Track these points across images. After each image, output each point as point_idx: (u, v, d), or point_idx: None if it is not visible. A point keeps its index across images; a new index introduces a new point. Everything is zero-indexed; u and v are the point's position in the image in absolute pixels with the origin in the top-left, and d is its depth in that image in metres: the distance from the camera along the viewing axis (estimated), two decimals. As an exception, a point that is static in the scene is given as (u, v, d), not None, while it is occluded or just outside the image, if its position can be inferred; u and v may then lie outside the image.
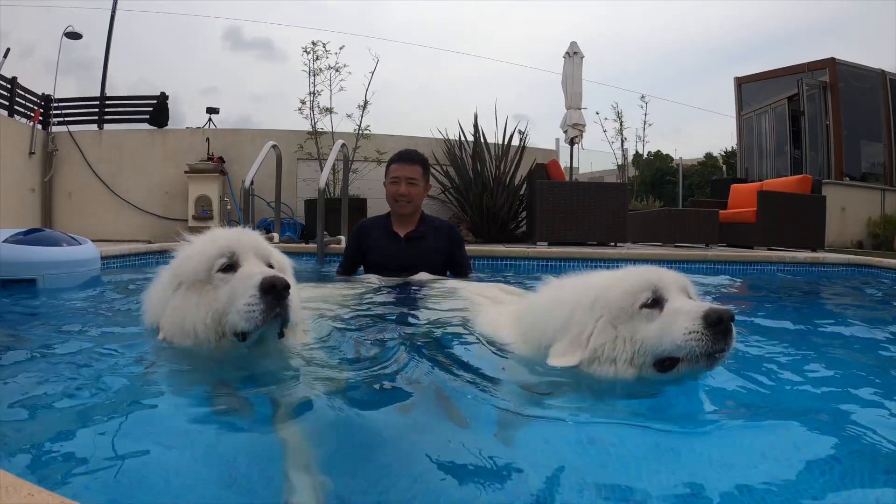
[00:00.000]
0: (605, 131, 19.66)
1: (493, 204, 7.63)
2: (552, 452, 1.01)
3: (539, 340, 1.37)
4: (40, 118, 7.86)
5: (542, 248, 5.71)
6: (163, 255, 4.67)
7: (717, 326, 1.15)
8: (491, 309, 1.87)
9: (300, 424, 1.09)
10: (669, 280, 1.29)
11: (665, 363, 1.23)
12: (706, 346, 1.16)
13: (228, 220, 7.92)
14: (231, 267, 1.40)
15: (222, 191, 7.85)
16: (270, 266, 1.47)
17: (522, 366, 1.40)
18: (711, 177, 16.11)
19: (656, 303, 1.25)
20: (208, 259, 1.40)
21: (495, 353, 1.48)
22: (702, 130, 39.10)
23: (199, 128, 8.68)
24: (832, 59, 11.09)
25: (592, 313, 1.29)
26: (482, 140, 8.19)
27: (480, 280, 3.13)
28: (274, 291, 1.26)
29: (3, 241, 2.55)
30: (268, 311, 1.26)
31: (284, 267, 1.56)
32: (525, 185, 7.85)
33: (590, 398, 1.24)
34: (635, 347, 1.24)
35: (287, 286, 1.28)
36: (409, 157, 3.03)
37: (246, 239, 1.47)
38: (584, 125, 9.36)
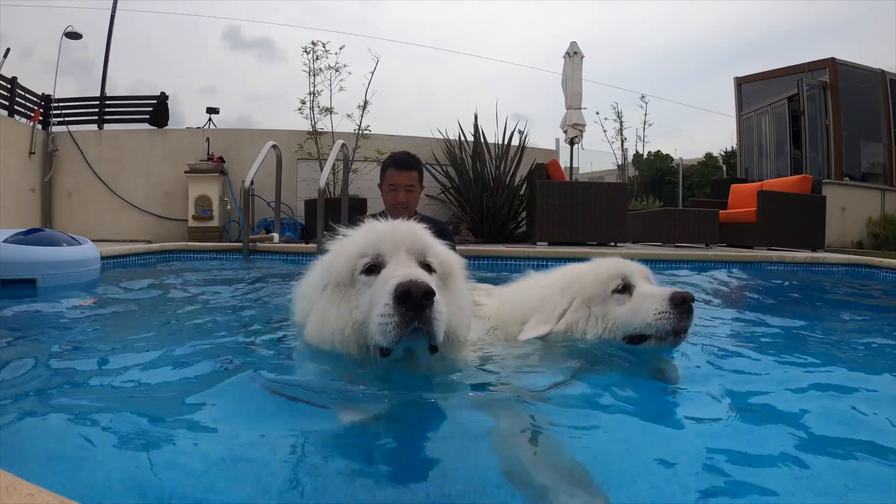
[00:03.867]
0: (605, 131, 19.72)
1: (493, 204, 7.63)
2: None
3: (514, 318, 1.55)
4: (40, 118, 7.86)
5: (542, 248, 5.71)
6: (163, 255, 4.68)
7: (682, 306, 1.36)
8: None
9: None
10: (635, 269, 1.50)
11: (634, 338, 1.42)
12: (673, 324, 1.36)
13: (228, 220, 7.93)
14: (376, 267, 1.18)
15: (222, 191, 7.85)
16: (427, 265, 1.22)
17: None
18: (711, 177, 16.09)
19: (626, 288, 1.46)
20: (350, 258, 1.20)
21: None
22: (702, 130, 39.04)
23: (199, 128, 8.68)
24: (832, 59, 11.09)
25: (565, 296, 1.49)
26: (482, 140, 8.19)
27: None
28: (409, 300, 1.03)
29: (3, 241, 2.55)
30: (403, 325, 1.03)
31: (448, 267, 1.27)
32: (525, 185, 7.85)
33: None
34: (607, 325, 1.44)
35: (428, 293, 1.03)
36: (405, 164, 3.03)
37: (397, 233, 1.23)
38: (584, 125, 9.36)
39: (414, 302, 1.03)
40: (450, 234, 3.34)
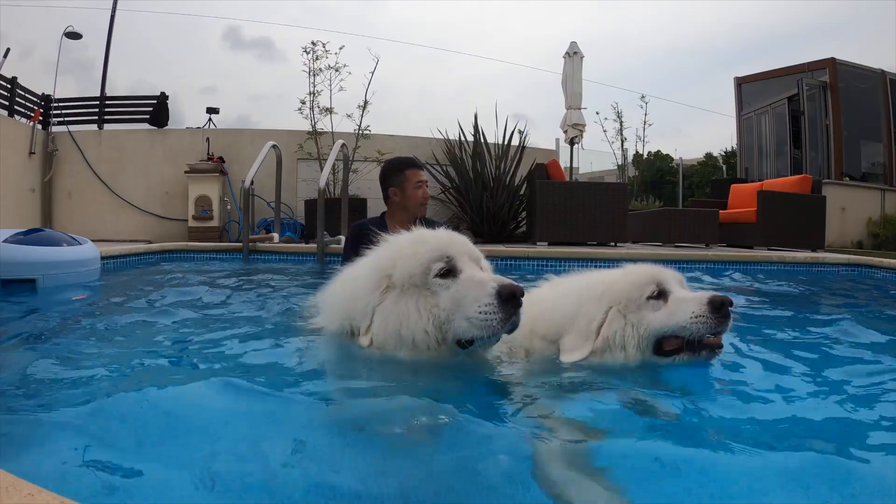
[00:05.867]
0: (605, 131, 19.75)
1: (493, 204, 7.63)
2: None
3: (547, 331, 1.48)
4: (40, 118, 7.86)
5: (542, 248, 5.71)
6: (163, 255, 4.68)
7: (720, 310, 1.32)
8: None
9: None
10: (669, 275, 1.46)
11: (665, 349, 1.39)
12: (711, 327, 1.32)
13: (228, 220, 7.93)
14: (450, 272, 1.34)
15: (222, 191, 7.85)
16: (481, 269, 1.43)
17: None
18: (711, 177, 16.10)
19: (661, 294, 1.41)
20: (425, 262, 1.34)
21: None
22: (702, 130, 39.03)
23: (199, 128, 8.68)
24: (832, 59, 11.08)
25: (600, 305, 1.42)
26: (482, 140, 8.19)
27: None
28: (514, 300, 1.24)
29: (3, 241, 2.56)
30: (506, 320, 1.25)
31: (490, 270, 1.50)
32: (525, 185, 7.85)
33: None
34: (641, 333, 1.39)
35: (524, 293, 1.27)
36: (419, 164, 3.25)
37: (460, 242, 1.42)
38: (584, 125, 9.36)
39: (518, 301, 1.25)
40: None
